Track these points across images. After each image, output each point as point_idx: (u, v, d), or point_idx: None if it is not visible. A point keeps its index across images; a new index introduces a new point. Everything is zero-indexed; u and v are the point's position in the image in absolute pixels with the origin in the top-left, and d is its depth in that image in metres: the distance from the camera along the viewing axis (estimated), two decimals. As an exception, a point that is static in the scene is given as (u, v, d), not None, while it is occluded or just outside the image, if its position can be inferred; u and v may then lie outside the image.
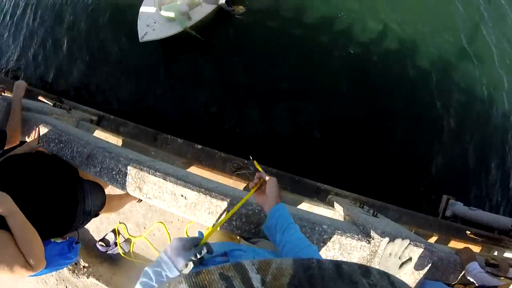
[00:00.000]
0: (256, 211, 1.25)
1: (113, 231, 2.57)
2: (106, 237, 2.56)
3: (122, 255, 2.47)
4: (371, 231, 1.32)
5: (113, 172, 1.36)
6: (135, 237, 2.54)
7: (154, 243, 2.47)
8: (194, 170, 2.23)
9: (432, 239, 2.06)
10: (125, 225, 2.57)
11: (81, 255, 2.44)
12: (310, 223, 1.27)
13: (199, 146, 2.65)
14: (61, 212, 1.33)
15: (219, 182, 1.50)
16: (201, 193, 1.27)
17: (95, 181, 1.56)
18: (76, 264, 2.38)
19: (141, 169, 1.32)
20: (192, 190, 1.26)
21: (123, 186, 1.36)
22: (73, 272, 2.32)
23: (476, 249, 2.11)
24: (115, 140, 2.28)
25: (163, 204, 1.31)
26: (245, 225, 1.24)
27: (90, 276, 2.27)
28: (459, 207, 3.23)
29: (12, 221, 1.04)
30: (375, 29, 4.16)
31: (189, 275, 0.29)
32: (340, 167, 3.34)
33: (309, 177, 2.55)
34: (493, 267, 1.51)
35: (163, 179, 1.29)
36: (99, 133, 2.33)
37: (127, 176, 1.34)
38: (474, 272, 1.37)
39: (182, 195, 1.28)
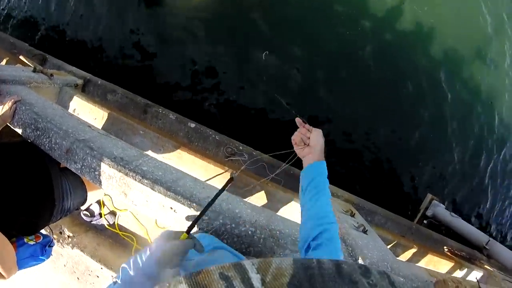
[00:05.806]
0: (249, 232, 1.20)
1: (98, 202, 2.53)
2: (90, 207, 2.52)
3: (107, 226, 2.47)
4: (359, 257, 1.32)
5: (96, 173, 1.24)
6: (120, 210, 2.52)
7: (139, 216, 2.45)
8: (185, 156, 2.12)
9: (411, 251, 2.15)
10: (111, 196, 2.51)
11: (66, 224, 2.41)
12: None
13: (192, 125, 2.49)
14: (35, 213, 1.23)
15: (211, 186, 1.41)
16: (192, 208, 1.18)
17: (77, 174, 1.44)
18: (60, 233, 2.37)
19: (126, 174, 1.20)
20: (183, 204, 1.18)
21: (107, 187, 1.25)
22: (58, 241, 2.32)
23: (449, 264, 2.24)
24: (101, 114, 2.08)
25: (150, 212, 1.23)
26: (237, 244, 1.20)
27: (75, 247, 2.28)
28: (440, 209, 3.33)
29: None
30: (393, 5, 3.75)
31: (189, 275, 0.29)
32: (337, 163, 3.29)
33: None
34: None
35: (151, 188, 1.18)
36: (83, 104, 2.11)
37: (111, 179, 1.22)
38: None
39: (171, 208, 1.19)
